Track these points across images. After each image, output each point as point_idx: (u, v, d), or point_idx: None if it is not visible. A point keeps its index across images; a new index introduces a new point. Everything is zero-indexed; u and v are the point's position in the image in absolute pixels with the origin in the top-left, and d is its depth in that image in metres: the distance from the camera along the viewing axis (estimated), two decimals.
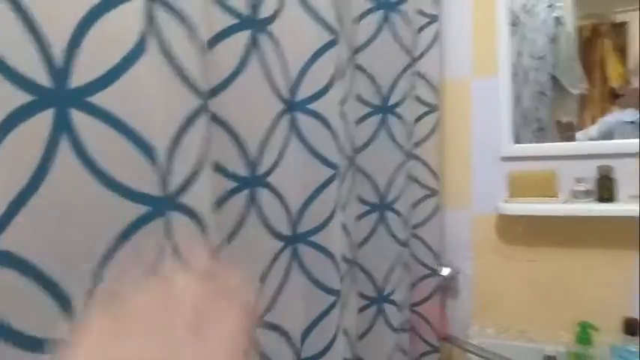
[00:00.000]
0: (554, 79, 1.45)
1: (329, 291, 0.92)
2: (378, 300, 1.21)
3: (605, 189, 1.24)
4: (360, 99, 1.17)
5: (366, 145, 1.18)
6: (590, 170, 1.26)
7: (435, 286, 1.37)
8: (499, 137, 1.38)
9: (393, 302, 1.22)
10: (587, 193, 1.26)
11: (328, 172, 0.91)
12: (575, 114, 1.41)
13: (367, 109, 1.18)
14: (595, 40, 1.39)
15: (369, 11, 1.17)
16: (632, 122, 1.31)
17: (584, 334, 1.22)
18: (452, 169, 1.44)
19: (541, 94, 1.47)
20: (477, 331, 1.39)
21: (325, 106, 0.90)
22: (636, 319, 1.20)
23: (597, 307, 1.28)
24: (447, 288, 1.42)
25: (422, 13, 1.34)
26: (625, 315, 1.20)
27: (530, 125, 1.44)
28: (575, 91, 1.40)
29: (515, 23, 1.40)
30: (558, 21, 1.42)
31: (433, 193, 1.36)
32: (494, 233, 1.41)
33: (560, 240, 1.33)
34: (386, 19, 1.19)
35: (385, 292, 1.21)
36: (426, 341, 1.35)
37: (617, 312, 1.23)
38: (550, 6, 1.42)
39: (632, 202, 1.21)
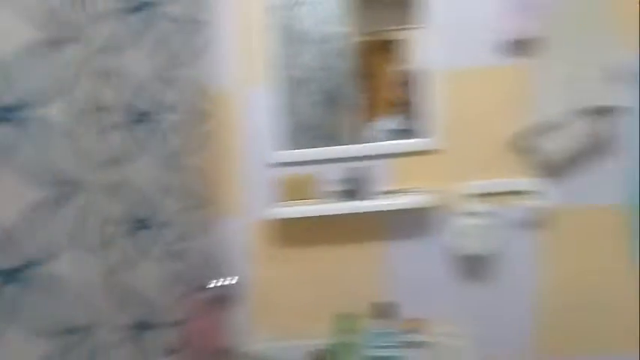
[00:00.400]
0: (333, 89, 1.54)
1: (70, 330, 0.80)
2: (145, 323, 1.12)
3: (356, 189, 1.37)
4: (117, 107, 1.05)
5: (124, 157, 1.07)
6: (346, 172, 1.38)
7: (213, 297, 1.34)
8: (268, 145, 1.42)
9: (162, 324, 1.15)
10: (342, 193, 1.38)
11: (45, 194, 0.78)
12: (352, 121, 1.53)
13: (127, 117, 1.07)
14: (372, 54, 1.51)
15: (121, 11, 1.06)
16: (397, 129, 1.47)
17: (346, 324, 1.34)
18: (224, 177, 1.43)
19: (321, 103, 1.55)
20: (257, 337, 1.41)
21: (39, 115, 0.78)
22: (381, 303, 1.37)
23: (357, 297, 1.41)
24: (226, 298, 1.40)
25: (191, 18, 1.28)
26: (379, 300, 1.36)
27: (310, 132, 1.51)
28: (352, 101, 1.52)
29: (291, 35, 1.45)
30: (337, 35, 1.51)
31: (206, 202, 1.33)
32: (268, 238, 1.45)
33: (323, 238, 1.43)
34: (146, 20, 1.11)
35: (155, 313, 1.13)
36: (202, 356, 1.31)
37: (375, 298, 1.37)
38: (328, 21, 1.51)
39: (379, 198, 1.35)
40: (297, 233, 1.43)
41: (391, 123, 1.46)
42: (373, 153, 1.40)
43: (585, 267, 1.34)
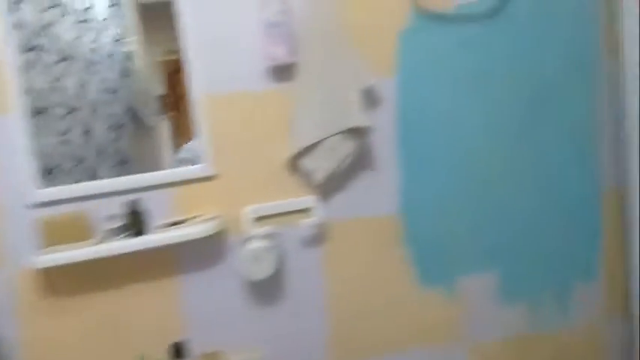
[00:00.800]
0: (133, 112, 1.42)
1: None
2: None
3: (135, 223, 1.28)
4: None
5: None
6: (123, 206, 1.28)
7: None
8: (26, 182, 1.25)
9: None
10: (120, 230, 1.27)
11: None
12: (154, 145, 1.43)
13: None
14: (177, 74, 1.42)
15: None
16: (190, 156, 1.39)
17: None
18: None
19: (117, 127, 1.42)
20: None
21: None
22: (175, 343, 1.29)
23: (153, 337, 1.31)
24: None
25: None
26: (175, 339, 1.28)
27: (79, 165, 1.36)
28: (153, 123, 1.42)
29: (66, 57, 1.30)
30: (130, 56, 1.40)
31: None
32: (36, 289, 1.27)
33: (105, 282, 1.31)
34: None
35: None
36: None
37: (171, 337, 1.30)
38: (118, 40, 1.39)
39: (161, 231, 1.28)
40: (74, 280, 1.28)
41: (187, 150, 1.40)
42: (150, 183, 1.32)
43: (366, 275, 1.43)
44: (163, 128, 1.42)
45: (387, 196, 1.41)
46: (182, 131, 1.40)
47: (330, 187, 1.38)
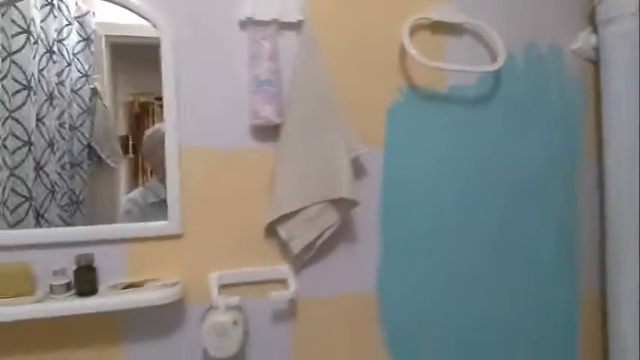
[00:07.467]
0: (92, 151, 1.32)
1: None
2: None
3: (84, 282, 1.13)
4: None
5: None
6: (71, 260, 1.13)
7: None
8: None
9: None
10: (67, 287, 1.12)
11: None
12: (114, 188, 1.32)
13: None
14: (143, 115, 1.36)
15: None
16: (152, 203, 1.28)
17: None
18: None
19: (73, 166, 1.30)
20: None
21: None
22: None
23: None
24: None
25: None
26: None
27: (60, 199, 1.23)
28: (113, 165, 1.31)
29: (28, 87, 1.18)
30: (95, 92, 1.31)
31: None
32: None
33: (42, 343, 1.14)
34: None
35: None
36: None
37: None
38: (85, 76, 1.30)
39: (114, 293, 1.13)
40: (6, 338, 1.12)
41: (128, 200, 1.29)
42: (105, 237, 1.18)
43: (339, 354, 1.33)
44: (122, 171, 1.33)
45: (365, 273, 1.34)
46: (141, 176, 1.34)
47: (305, 258, 1.29)
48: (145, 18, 1.22)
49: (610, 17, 1.33)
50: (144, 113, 1.37)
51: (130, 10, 1.22)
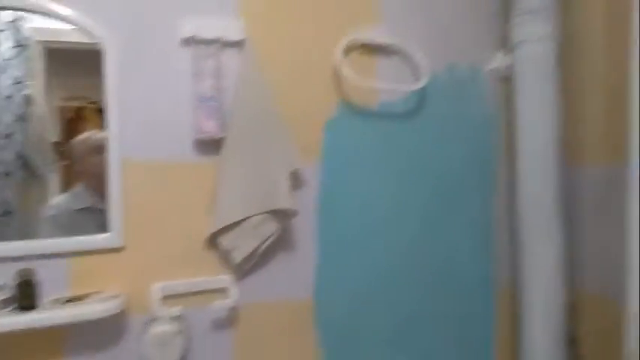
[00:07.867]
0: (24, 159, 1.28)
1: None
2: None
3: (25, 296, 1.13)
4: None
5: None
6: (9, 275, 1.13)
7: None
8: None
9: None
10: (6, 302, 1.11)
11: None
12: (43, 196, 1.29)
13: None
14: (77, 121, 1.33)
15: None
16: (79, 209, 1.27)
17: None
18: None
19: (4, 176, 1.26)
20: None
21: None
22: None
23: None
24: None
25: None
26: None
27: None
28: (46, 173, 1.28)
29: None
30: (29, 99, 1.27)
31: None
32: None
33: None
34: None
35: None
36: None
37: None
38: (19, 83, 1.26)
39: (55, 307, 1.14)
40: None
41: (52, 207, 1.27)
42: (45, 251, 1.19)
43: (278, 357, 1.39)
44: (55, 179, 1.31)
45: (303, 280, 1.42)
46: (73, 182, 1.31)
47: (246, 267, 1.34)
48: (87, 32, 1.23)
49: (521, 40, 1.49)
50: (78, 118, 1.35)
51: (75, 25, 1.22)
